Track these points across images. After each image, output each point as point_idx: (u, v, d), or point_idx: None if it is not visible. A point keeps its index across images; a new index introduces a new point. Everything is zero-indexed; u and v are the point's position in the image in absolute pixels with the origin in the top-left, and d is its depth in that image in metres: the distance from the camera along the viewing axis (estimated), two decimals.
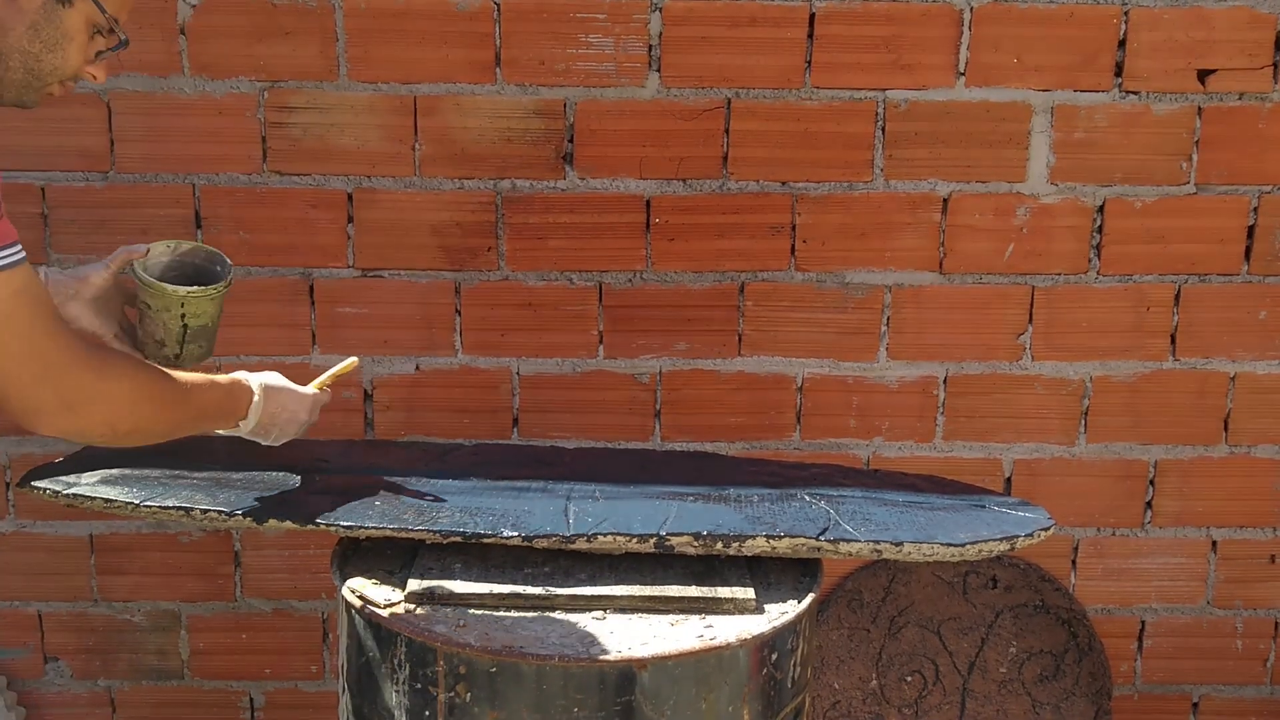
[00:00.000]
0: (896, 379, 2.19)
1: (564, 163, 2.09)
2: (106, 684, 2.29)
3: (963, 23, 2.05)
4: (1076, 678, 2.29)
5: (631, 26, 2.04)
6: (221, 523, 1.53)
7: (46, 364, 1.29)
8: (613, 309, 2.15)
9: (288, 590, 2.25)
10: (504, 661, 1.34)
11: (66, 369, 1.31)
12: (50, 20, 1.38)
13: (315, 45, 2.03)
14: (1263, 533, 2.27)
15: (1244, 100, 2.09)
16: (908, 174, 2.11)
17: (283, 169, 2.08)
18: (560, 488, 1.67)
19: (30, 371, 1.28)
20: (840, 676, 2.28)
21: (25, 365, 1.27)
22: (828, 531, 1.51)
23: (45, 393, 1.29)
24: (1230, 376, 2.20)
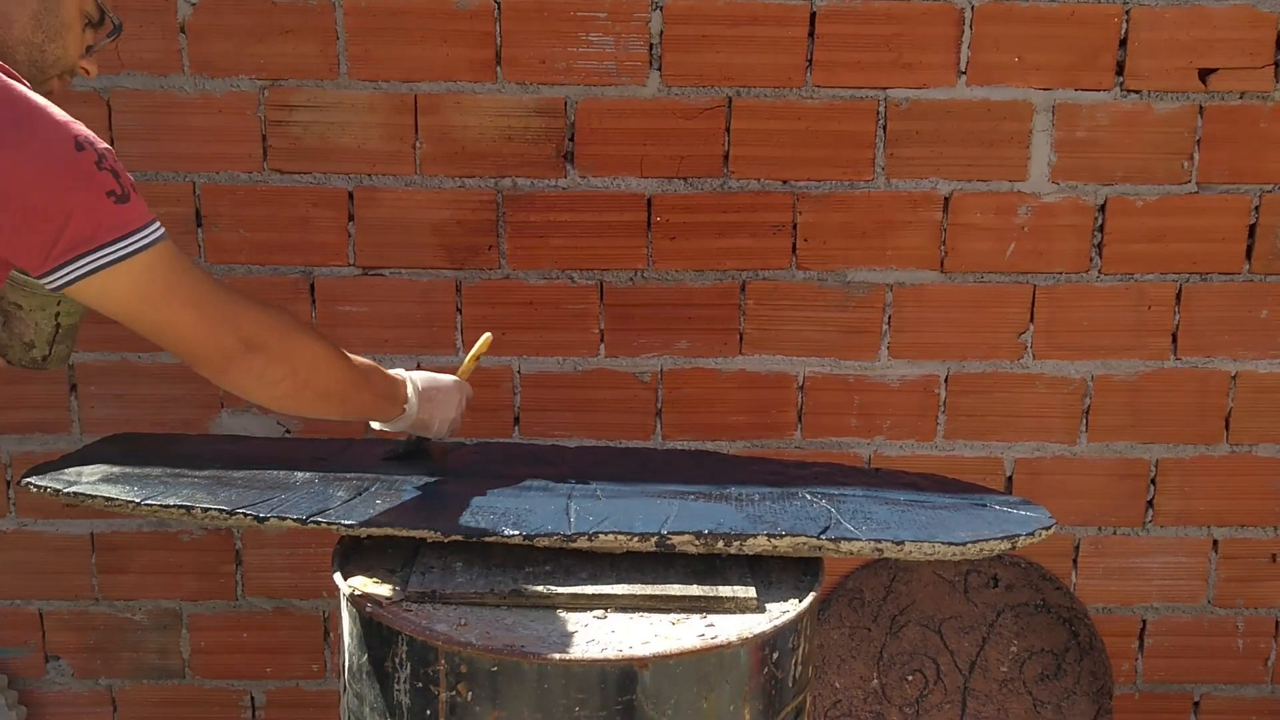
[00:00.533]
0: (898, 378, 2.19)
1: (565, 161, 2.09)
2: (108, 683, 2.29)
3: (964, 21, 2.05)
4: (1077, 677, 2.29)
5: (632, 25, 2.04)
6: (222, 521, 1.52)
7: (221, 312, 1.37)
8: (614, 308, 2.14)
9: (289, 589, 2.26)
10: (505, 660, 1.34)
11: (240, 312, 1.39)
12: (49, 9, 1.39)
13: (315, 44, 2.03)
14: (1264, 532, 2.27)
15: (1245, 99, 2.09)
16: (909, 173, 2.11)
17: (283, 167, 2.08)
18: (561, 486, 1.67)
19: (208, 322, 1.36)
20: (841, 675, 2.28)
21: (202, 319, 1.36)
22: (829, 530, 1.51)
23: (227, 337, 1.37)
24: (1231, 375, 2.20)
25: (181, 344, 1.38)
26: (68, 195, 1.25)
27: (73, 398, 2.17)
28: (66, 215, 1.25)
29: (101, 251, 1.27)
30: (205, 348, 1.38)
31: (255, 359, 1.41)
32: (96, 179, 1.26)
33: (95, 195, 1.26)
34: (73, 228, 1.25)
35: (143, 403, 2.16)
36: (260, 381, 1.43)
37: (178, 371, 2.16)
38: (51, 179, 1.24)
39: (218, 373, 1.41)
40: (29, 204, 1.23)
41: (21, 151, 1.22)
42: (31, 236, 1.25)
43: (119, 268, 1.28)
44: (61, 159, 1.25)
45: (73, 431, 2.18)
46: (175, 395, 2.16)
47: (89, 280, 1.27)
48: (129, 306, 1.33)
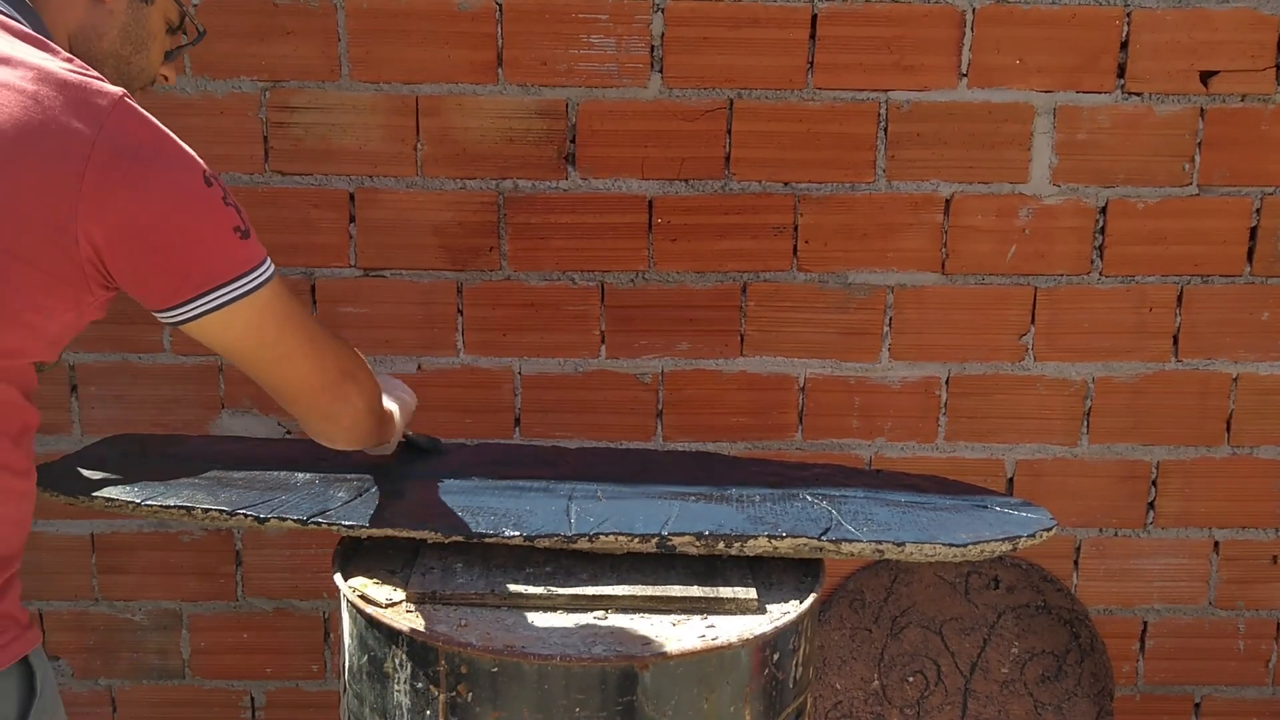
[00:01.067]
0: (899, 379, 2.19)
1: (566, 163, 2.09)
2: (107, 683, 2.29)
3: (965, 24, 2.05)
4: (1078, 678, 2.28)
5: (634, 27, 2.04)
6: (223, 522, 1.53)
7: (323, 344, 1.41)
8: (615, 309, 2.15)
9: (289, 590, 2.26)
10: (505, 661, 1.34)
11: (334, 343, 1.44)
12: (137, 20, 1.38)
13: (317, 45, 2.03)
14: (1265, 533, 2.27)
15: (1246, 102, 2.09)
16: (910, 175, 2.11)
17: (284, 169, 2.08)
18: (562, 487, 1.67)
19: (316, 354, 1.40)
20: (842, 677, 2.28)
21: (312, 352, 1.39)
22: (830, 531, 1.51)
23: (331, 368, 1.42)
24: (1232, 378, 2.20)
25: (290, 379, 1.39)
26: (199, 231, 1.24)
27: (73, 398, 2.17)
28: (195, 251, 1.24)
29: (228, 288, 1.27)
30: (312, 381, 1.40)
31: (349, 388, 1.44)
32: (224, 215, 1.26)
33: (224, 231, 1.26)
34: (201, 264, 1.25)
35: (143, 403, 2.16)
36: (349, 409, 1.45)
37: (178, 372, 2.16)
38: (185, 215, 1.23)
39: (320, 404, 1.43)
40: (162, 240, 1.23)
41: (149, 194, 1.21)
42: (161, 272, 1.24)
43: (241, 304, 1.28)
44: (195, 194, 1.24)
45: (73, 432, 2.18)
46: (176, 396, 2.16)
47: (212, 316, 1.27)
48: (245, 342, 1.33)
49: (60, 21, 1.30)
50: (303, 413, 1.44)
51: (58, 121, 1.18)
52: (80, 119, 1.18)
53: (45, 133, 1.17)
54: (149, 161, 1.21)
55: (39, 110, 1.17)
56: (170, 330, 2.14)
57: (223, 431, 2.17)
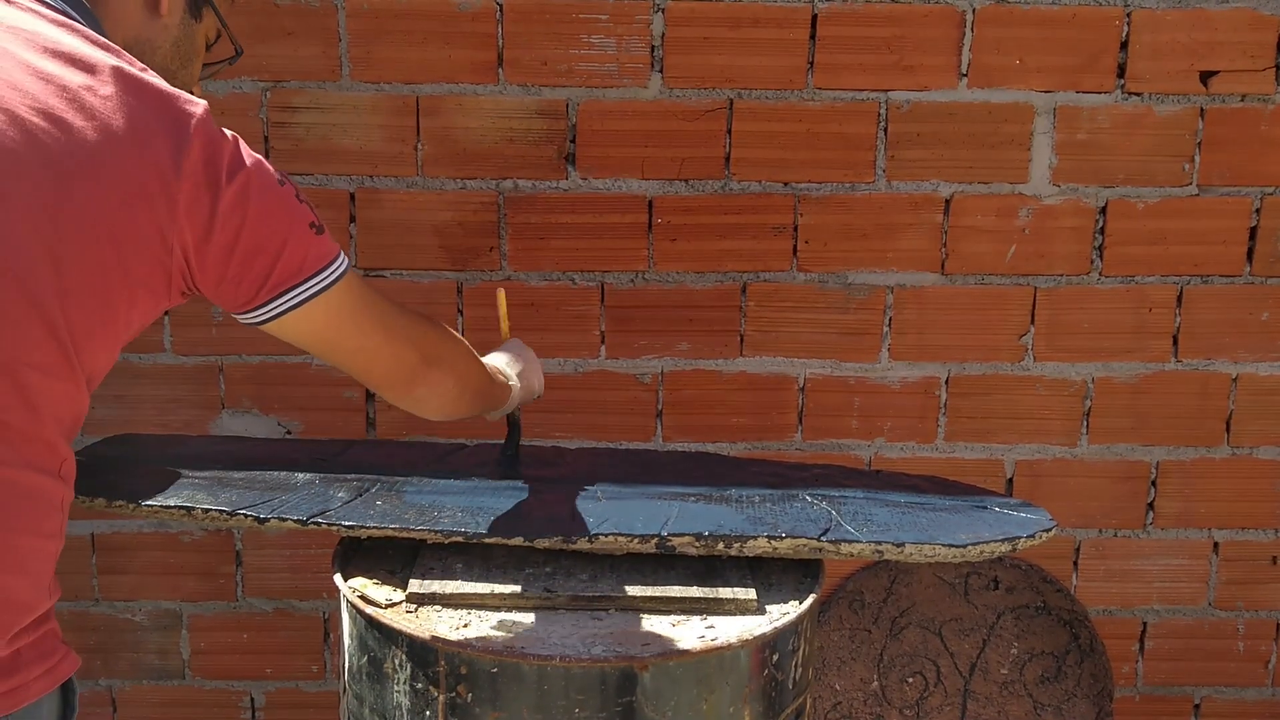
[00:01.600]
0: (898, 379, 2.19)
1: (566, 163, 2.09)
2: (107, 683, 2.29)
3: (965, 24, 2.05)
4: (1078, 679, 2.29)
5: (634, 27, 2.04)
6: (223, 522, 1.53)
7: (404, 332, 1.42)
8: (615, 309, 2.15)
9: (289, 590, 2.26)
10: (505, 662, 1.34)
11: (413, 327, 1.44)
12: (188, 36, 1.38)
13: (318, 45, 2.04)
14: (1264, 534, 2.27)
15: (1246, 102, 2.09)
16: (910, 175, 2.11)
17: (285, 169, 2.08)
18: (562, 487, 1.67)
19: (396, 343, 1.41)
20: (841, 677, 2.28)
21: (390, 340, 1.40)
22: (829, 532, 1.51)
23: (410, 354, 1.42)
24: (1232, 378, 2.20)
25: (371, 367, 1.41)
26: (281, 232, 1.26)
27: None
28: (278, 251, 1.26)
29: (308, 284, 1.28)
30: (392, 369, 1.42)
31: (433, 372, 1.45)
32: (300, 212, 1.28)
33: (301, 228, 1.28)
34: (283, 263, 1.26)
35: (144, 404, 2.16)
36: (436, 392, 1.47)
37: (178, 372, 2.16)
38: (269, 219, 1.25)
39: (402, 390, 1.45)
40: (248, 245, 1.24)
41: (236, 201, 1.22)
42: (246, 276, 1.25)
43: (320, 299, 1.30)
44: (276, 197, 1.25)
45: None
46: (176, 396, 2.16)
47: (293, 313, 1.29)
48: (325, 335, 1.35)
49: (118, 30, 1.30)
50: (390, 397, 1.47)
51: (150, 131, 1.18)
52: (174, 130, 1.18)
53: (138, 142, 1.17)
54: (234, 171, 1.22)
55: (131, 120, 1.17)
56: (171, 330, 2.14)
57: (223, 432, 2.18)
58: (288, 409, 2.17)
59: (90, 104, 1.16)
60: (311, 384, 2.16)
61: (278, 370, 2.15)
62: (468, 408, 1.56)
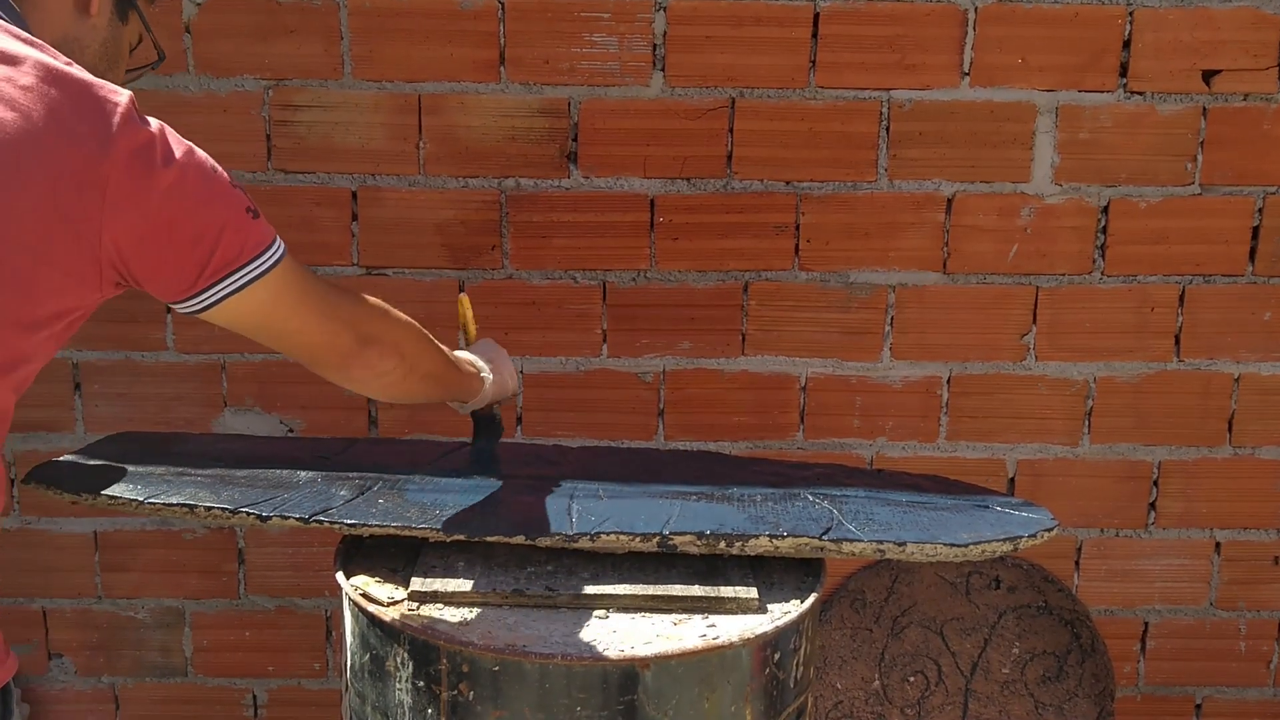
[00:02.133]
0: (900, 379, 2.19)
1: (568, 161, 2.09)
2: (110, 681, 2.30)
3: (967, 23, 2.05)
4: (1079, 679, 2.29)
5: (636, 26, 2.04)
6: (225, 520, 1.53)
7: (339, 312, 1.42)
8: (616, 308, 2.15)
9: (291, 588, 2.26)
10: (507, 660, 1.34)
11: (354, 309, 1.44)
12: (115, 38, 1.38)
13: (320, 44, 2.04)
14: (1266, 534, 2.27)
15: (1249, 101, 2.09)
16: (912, 174, 2.11)
17: (287, 167, 2.09)
18: (564, 486, 1.67)
19: (331, 324, 1.41)
20: (843, 677, 2.28)
21: (326, 322, 1.41)
22: (831, 531, 1.51)
23: (346, 336, 1.42)
24: (1234, 378, 2.20)
25: (306, 349, 1.42)
26: (216, 219, 1.25)
27: (76, 397, 2.17)
28: (216, 237, 1.25)
29: (247, 268, 1.28)
30: (328, 350, 1.42)
31: (370, 352, 1.45)
32: (235, 197, 1.28)
33: (238, 213, 1.27)
34: (221, 249, 1.26)
35: (146, 401, 2.17)
36: (375, 373, 1.47)
37: (180, 370, 2.16)
38: (203, 206, 1.24)
39: (338, 371, 1.45)
40: (182, 234, 1.23)
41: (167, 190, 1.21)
42: (182, 264, 1.25)
43: (260, 283, 1.30)
44: (209, 184, 1.25)
45: (76, 430, 2.18)
46: (178, 394, 2.16)
47: (233, 298, 1.29)
48: (263, 319, 1.35)
49: (45, 29, 1.29)
50: (331, 378, 1.48)
51: (74, 121, 1.17)
52: (98, 119, 1.18)
53: (63, 133, 1.16)
54: (166, 160, 1.21)
55: (52, 110, 1.16)
56: (174, 328, 2.14)
57: (225, 429, 2.18)
58: (290, 407, 2.18)
59: (9, 95, 1.15)
60: (314, 382, 2.14)
61: (280, 368, 2.15)
62: (421, 390, 1.56)
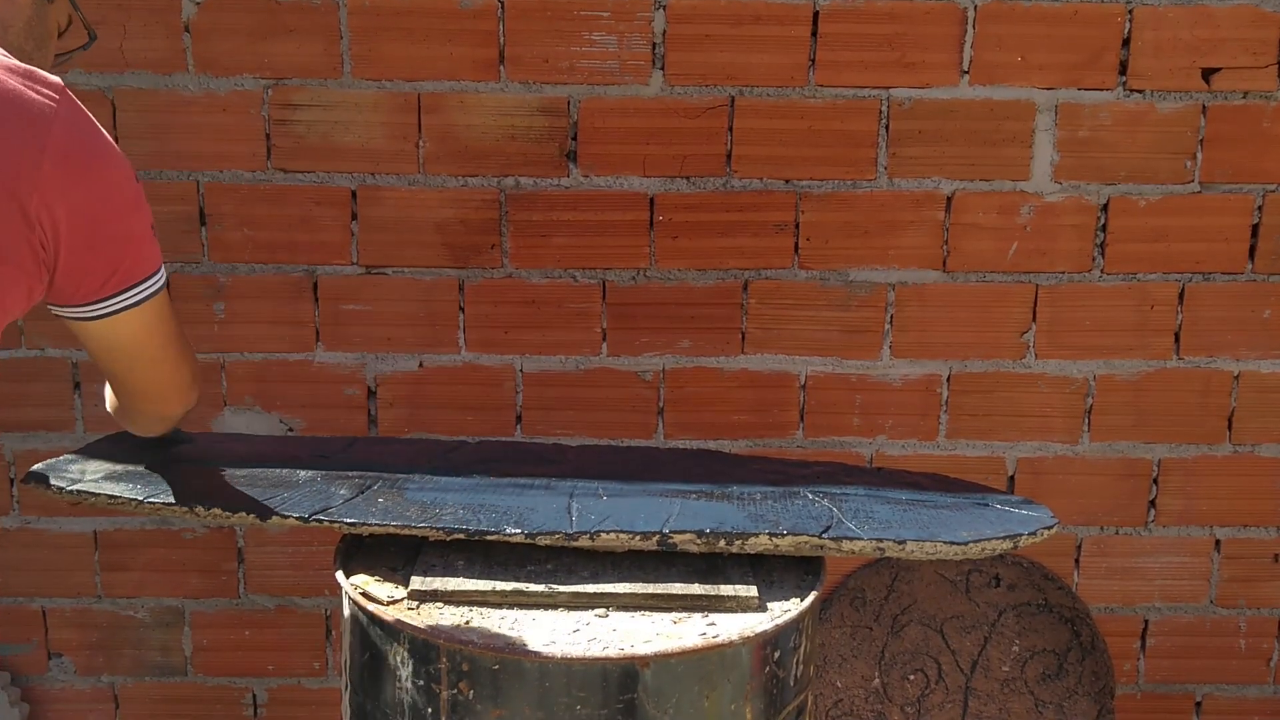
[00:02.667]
0: (900, 377, 2.19)
1: (567, 160, 2.09)
2: (110, 680, 2.30)
3: (966, 21, 2.05)
4: (1079, 676, 2.29)
5: (635, 24, 2.04)
6: (225, 519, 1.53)
7: (187, 350, 1.43)
8: (616, 306, 2.15)
9: (291, 587, 2.26)
10: (507, 659, 1.34)
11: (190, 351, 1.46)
12: (40, 17, 1.34)
13: (319, 43, 2.04)
14: (1266, 532, 2.27)
15: (1248, 99, 2.09)
16: (911, 172, 2.11)
17: (287, 166, 2.09)
18: (563, 485, 1.67)
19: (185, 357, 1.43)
20: (843, 675, 2.28)
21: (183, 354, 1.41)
22: (831, 529, 1.51)
23: (187, 373, 1.45)
24: (1234, 375, 2.20)
25: (159, 379, 1.40)
26: (132, 227, 1.23)
27: (76, 396, 2.17)
28: (127, 248, 1.23)
29: (143, 285, 1.26)
30: (174, 383, 1.42)
31: (190, 395, 1.47)
32: (147, 212, 1.26)
33: (145, 228, 1.25)
34: (128, 261, 1.24)
35: None
36: (180, 412, 1.49)
37: None
38: (123, 210, 1.22)
39: (160, 407, 1.45)
40: (103, 234, 1.20)
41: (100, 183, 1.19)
42: (96, 266, 1.22)
43: (148, 304, 1.28)
44: (131, 191, 1.23)
45: (76, 429, 2.18)
46: None
47: (124, 314, 1.26)
48: (135, 341, 1.32)
49: None
50: (145, 408, 1.45)
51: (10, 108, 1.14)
52: (32, 107, 1.15)
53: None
54: (95, 153, 1.18)
55: None
56: None
57: (225, 429, 2.18)
58: (289, 406, 2.18)
59: None
60: (313, 381, 2.16)
61: (279, 368, 2.15)
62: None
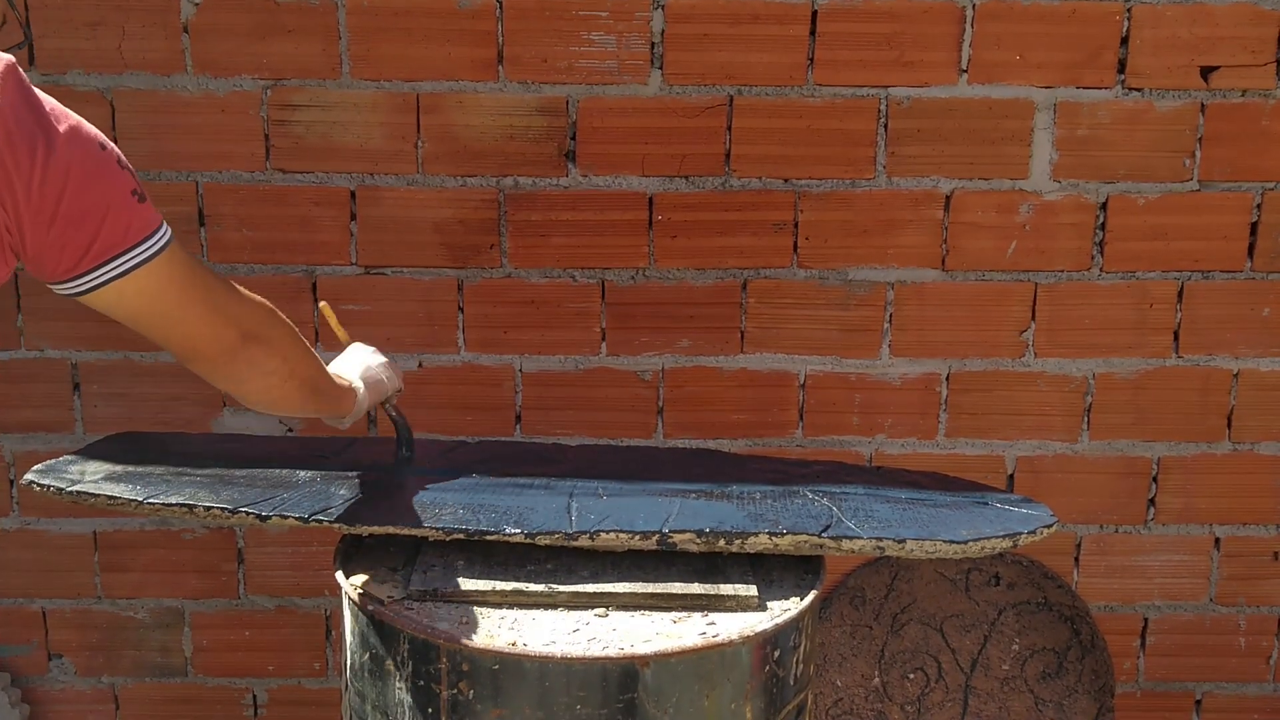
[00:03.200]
0: (899, 376, 2.19)
1: (566, 160, 2.09)
2: (110, 681, 2.30)
3: (965, 20, 2.05)
4: (1079, 675, 2.29)
5: (634, 24, 2.04)
6: (224, 519, 1.53)
7: (225, 306, 1.37)
8: (615, 306, 2.15)
9: (291, 587, 2.26)
10: (506, 659, 1.34)
11: (240, 305, 1.39)
12: None
13: (318, 43, 2.04)
14: (1266, 530, 2.27)
15: (1247, 97, 2.09)
16: (910, 171, 2.11)
17: (286, 167, 2.09)
18: (563, 485, 1.68)
19: (216, 317, 1.36)
20: (843, 674, 2.28)
21: (210, 314, 1.35)
22: (830, 528, 1.51)
23: (230, 331, 1.37)
24: (1233, 374, 2.20)
25: (188, 341, 1.36)
26: (102, 197, 1.21)
27: (75, 397, 2.17)
28: (101, 218, 1.21)
29: (132, 253, 1.24)
30: (211, 343, 1.36)
31: (255, 350, 1.40)
32: (122, 179, 1.23)
33: (123, 195, 1.23)
34: (106, 231, 1.21)
35: (145, 402, 2.17)
36: (258, 371, 1.41)
37: (180, 370, 2.15)
38: (90, 181, 1.19)
39: (219, 367, 1.39)
40: (69, 208, 1.18)
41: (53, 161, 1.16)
42: (67, 242, 1.20)
43: (145, 268, 1.25)
44: (96, 159, 1.20)
45: (75, 430, 2.18)
46: (177, 394, 2.16)
47: (116, 283, 1.24)
48: (143, 306, 1.29)
49: None
50: (206, 374, 1.41)
51: None
52: None
53: None
54: (50, 128, 1.17)
55: None
56: None
57: (224, 429, 2.18)
58: None
59: None
60: None
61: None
62: (299, 399, 1.50)
